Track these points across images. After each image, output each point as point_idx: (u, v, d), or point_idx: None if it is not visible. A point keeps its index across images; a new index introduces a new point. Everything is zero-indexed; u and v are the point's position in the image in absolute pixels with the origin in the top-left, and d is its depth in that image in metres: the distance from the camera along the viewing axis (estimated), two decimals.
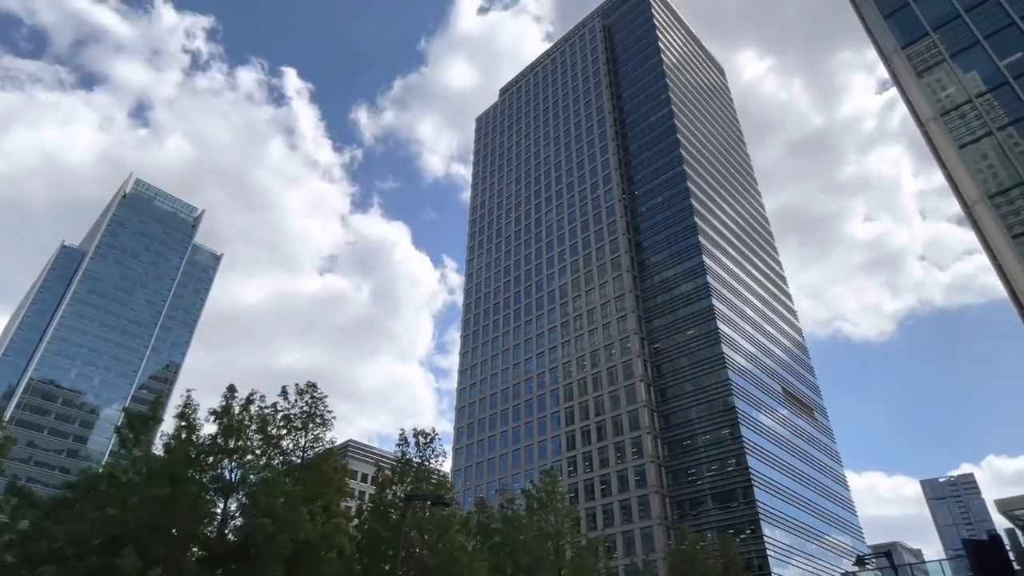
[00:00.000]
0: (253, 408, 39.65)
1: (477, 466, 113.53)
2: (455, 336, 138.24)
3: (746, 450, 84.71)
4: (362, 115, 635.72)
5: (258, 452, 38.74)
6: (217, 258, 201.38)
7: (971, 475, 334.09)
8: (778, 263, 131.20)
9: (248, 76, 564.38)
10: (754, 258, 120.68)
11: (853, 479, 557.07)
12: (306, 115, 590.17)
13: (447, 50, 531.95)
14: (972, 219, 30.27)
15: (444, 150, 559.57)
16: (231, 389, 39.91)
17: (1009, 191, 29.69)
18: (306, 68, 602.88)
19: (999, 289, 30.47)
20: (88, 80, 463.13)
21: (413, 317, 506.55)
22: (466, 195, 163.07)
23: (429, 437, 45.98)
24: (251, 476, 37.64)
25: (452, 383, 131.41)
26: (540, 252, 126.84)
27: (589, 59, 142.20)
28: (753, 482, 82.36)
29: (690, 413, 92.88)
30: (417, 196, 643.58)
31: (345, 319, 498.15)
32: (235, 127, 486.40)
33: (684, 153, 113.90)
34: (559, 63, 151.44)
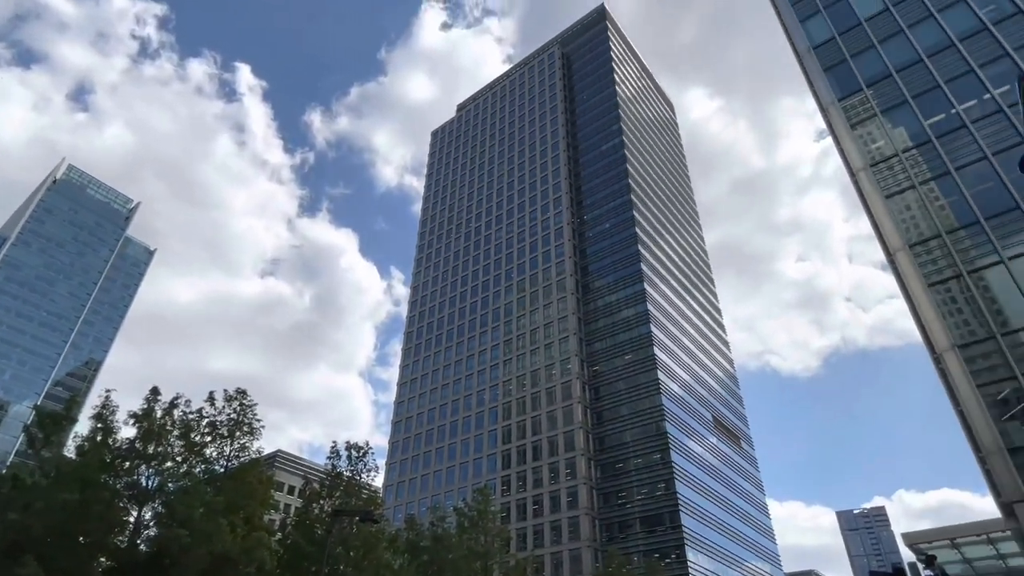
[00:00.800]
0: (177, 413, 38.07)
1: (410, 482, 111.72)
2: (398, 348, 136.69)
3: (675, 475, 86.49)
4: (316, 118, 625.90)
5: (179, 459, 37.11)
6: (150, 253, 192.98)
7: (882, 508, 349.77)
8: (714, 295, 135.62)
9: (199, 68, 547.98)
10: (692, 289, 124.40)
11: (774, 507, 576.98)
12: (258, 113, 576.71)
13: (407, 62, 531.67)
14: (894, 266, 32.20)
15: (398, 161, 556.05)
16: (154, 391, 38.23)
17: (928, 242, 31.78)
18: (261, 66, 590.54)
19: (916, 333, 32.45)
20: (26, 57, 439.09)
21: (356, 327, 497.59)
22: (418, 207, 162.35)
23: (362, 451, 45.12)
24: (169, 484, 35.98)
25: (391, 396, 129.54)
26: (488, 269, 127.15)
27: (547, 84, 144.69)
28: (680, 507, 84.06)
29: (624, 436, 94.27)
30: (368, 204, 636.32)
31: (284, 325, 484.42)
32: (181, 119, 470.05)
33: (632, 183, 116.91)
34: (518, 85, 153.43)
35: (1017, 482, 25.33)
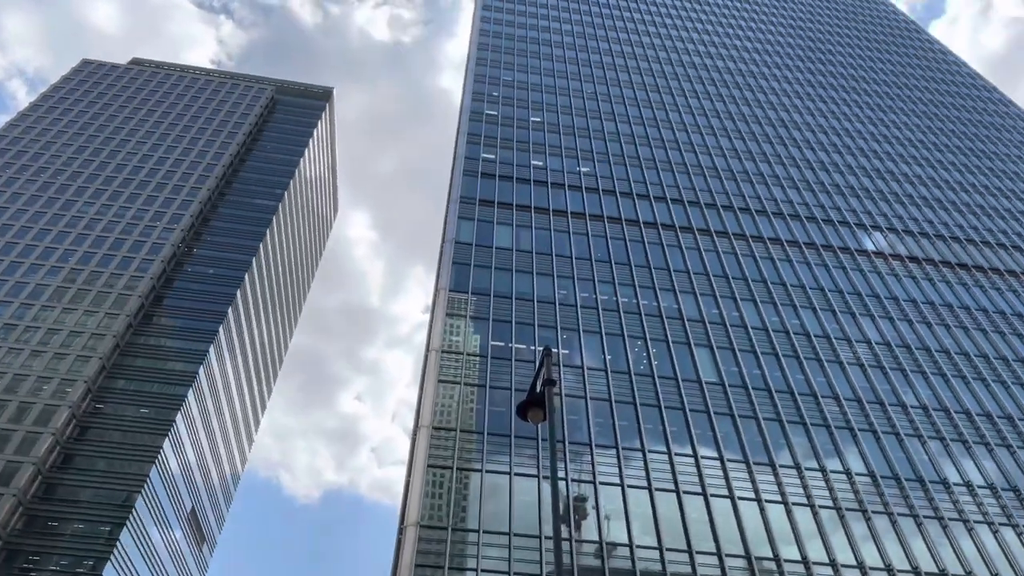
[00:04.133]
0: None
1: None
2: None
3: (112, 557, 74.35)
4: None
5: None
6: None
7: None
8: (270, 393, 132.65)
9: None
10: (253, 377, 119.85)
11: None
12: None
13: None
14: (414, 437, 36.95)
15: (19, 60, 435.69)
16: None
17: (447, 431, 37.56)
18: None
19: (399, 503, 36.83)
20: None
21: None
22: (4, 119, 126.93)
23: None
24: None
25: None
26: (44, 235, 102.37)
27: (241, 110, 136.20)
28: None
29: (82, 494, 78.83)
30: None
31: None
32: None
33: (263, 248, 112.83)
34: (211, 88, 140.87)
35: None
